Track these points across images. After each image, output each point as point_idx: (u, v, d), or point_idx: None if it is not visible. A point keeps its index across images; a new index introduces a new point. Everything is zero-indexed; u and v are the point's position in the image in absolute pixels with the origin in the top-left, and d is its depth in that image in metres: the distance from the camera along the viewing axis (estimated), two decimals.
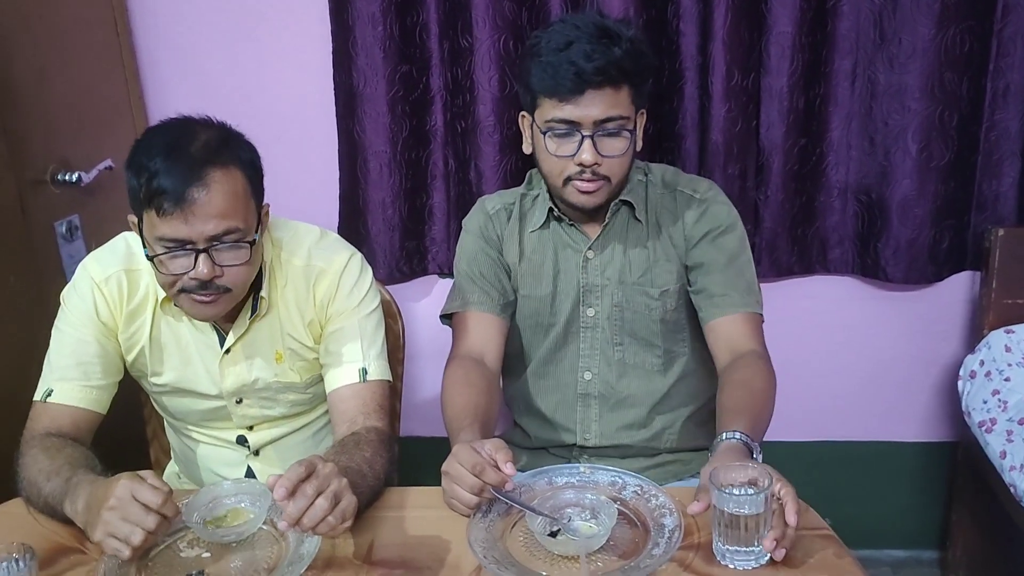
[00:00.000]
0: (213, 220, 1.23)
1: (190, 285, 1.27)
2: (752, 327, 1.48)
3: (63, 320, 1.40)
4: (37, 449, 1.28)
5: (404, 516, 1.26)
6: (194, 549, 1.21)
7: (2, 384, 1.57)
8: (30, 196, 1.68)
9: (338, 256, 1.45)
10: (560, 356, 1.58)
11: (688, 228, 1.53)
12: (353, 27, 1.92)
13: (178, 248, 1.24)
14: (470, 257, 1.59)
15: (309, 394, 1.53)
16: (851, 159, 1.95)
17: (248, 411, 1.50)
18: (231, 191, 1.25)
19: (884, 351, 2.14)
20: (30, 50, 1.69)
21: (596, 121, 1.39)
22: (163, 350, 1.44)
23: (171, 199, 1.21)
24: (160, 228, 1.23)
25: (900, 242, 1.95)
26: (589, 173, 1.42)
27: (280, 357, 1.46)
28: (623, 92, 1.41)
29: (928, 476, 2.24)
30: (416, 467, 1.74)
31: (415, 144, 2.02)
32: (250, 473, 1.55)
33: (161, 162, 1.22)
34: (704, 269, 1.51)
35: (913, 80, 1.85)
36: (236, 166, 1.28)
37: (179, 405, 1.51)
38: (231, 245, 1.26)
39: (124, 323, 1.41)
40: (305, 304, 1.44)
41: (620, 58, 1.38)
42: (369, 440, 1.33)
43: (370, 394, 1.43)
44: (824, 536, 1.16)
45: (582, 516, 1.21)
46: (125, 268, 1.40)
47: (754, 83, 1.90)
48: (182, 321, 1.43)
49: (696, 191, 1.54)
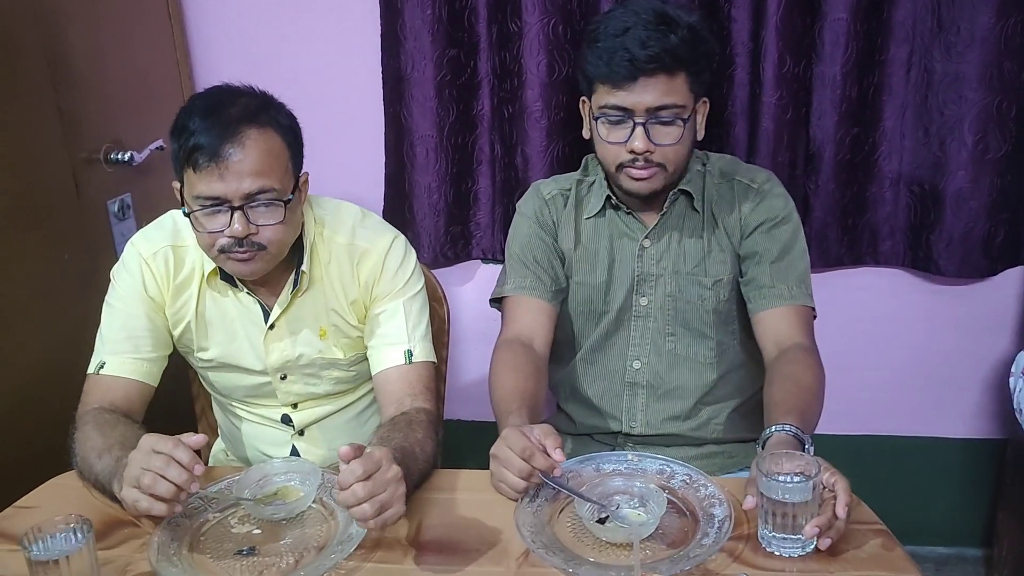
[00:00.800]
0: (248, 178, 1.26)
1: (227, 243, 1.29)
2: (800, 320, 1.46)
3: (113, 296, 1.44)
4: (90, 426, 1.30)
5: (452, 498, 1.27)
6: (245, 525, 1.22)
7: (58, 358, 1.60)
8: (84, 175, 1.70)
9: (382, 237, 1.47)
10: (610, 344, 1.57)
11: (744, 218, 1.51)
12: (402, 10, 1.91)
13: (214, 205, 1.27)
14: (524, 241, 1.58)
15: (353, 372, 1.54)
16: (904, 149, 1.91)
17: (292, 387, 1.51)
18: (266, 150, 1.28)
19: (934, 345, 2.10)
20: (86, 31, 1.71)
21: (649, 108, 1.38)
22: (209, 325, 1.46)
23: (206, 155, 1.24)
24: (197, 186, 1.26)
25: (953, 235, 1.91)
26: (642, 160, 1.41)
27: (324, 333, 1.48)
28: (679, 80, 1.39)
29: (975, 473, 2.21)
30: (459, 450, 1.75)
31: (462, 129, 2.01)
32: (294, 453, 1.57)
33: (199, 121, 1.25)
34: (755, 260, 1.49)
35: (971, 69, 1.80)
36: (273, 128, 1.30)
37: (225, 380, 1.53)
38: (266, 204, 1.29)
39: (171, 298, 1.44)
40: (349, 282, 1.45)
41: (676, 45, 1.36)
42: (420, 421, 1.34)
43: (416, 376, 1.44)
44: (877, 531, 1.15)
45: (630, 504, 1.21)
46: (172, 244, 1.43)
47: (806, 71, 1.86)
48: (227, 296, 1.45)
49: (754, 181, 1.53)
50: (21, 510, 1.28)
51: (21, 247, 1.54)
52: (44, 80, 1.59)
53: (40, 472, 1.35)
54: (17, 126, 1.53)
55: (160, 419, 1.42)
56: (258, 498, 1.24)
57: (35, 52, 1.57)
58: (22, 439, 1.54)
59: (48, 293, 1.61)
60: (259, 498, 1.24)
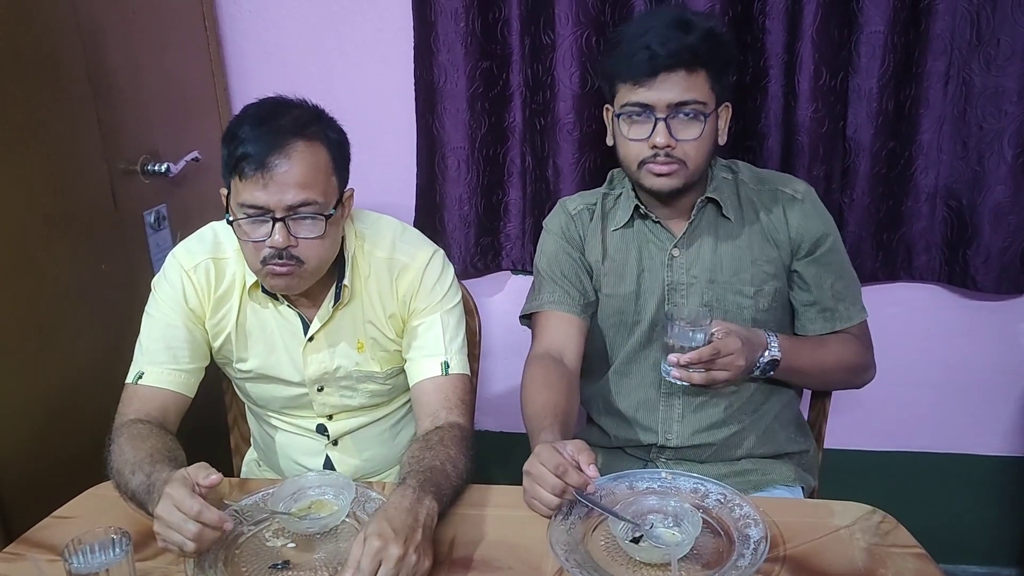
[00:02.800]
0: (292, 190, 1.27)
1: (268, 254, 1.30)
2: (862, 337, 1.58)
3: (153, 306, 1.45)
4: (124, 438, 1.31)
5: (485, 515, 1.26)
6: (279, 539, 1.23)
7: (95, 368, 1.62)
8: (121, 186, 1.72)
9: (421, 252, 1.48)
10: (645, 355, 1.56)
11: (794, 230, 1.52)
12: (435, 22, 1.92)
13: (257, 215, 1.28)
14: (551, 257, 1.59)
15: (388, 385, 1.55)
16: (942, 163, 1.89)
17: (329, 399, 1.52)
18: (312, 163, 1.29)
19: (970, 361, 2.07)
20: (124, 44, 1.73)
21: (670, 104, 1.40)
22: (248, 336, 1.47)
23: (253, 164, 1.26)
24: (242, 194, 1.28)
25: (991, 250, 1.88)
26: (663, 155, 1.42)
27: (362, 346, 1.49)
28: (699, 77, 1.41)
29: (1010, 491, 2.17)
30: (488, 462, 1.75)
31: (493, 141, 2.02)
32: (328, 463, 1.58)
33: (250, 130, 1.27)
34: (816, 282, 1.53)
35: (1011, 83, 1.78)
36: (321, 142, 1.31)
37: (262, 392, 1.54)
38: (308, 217, 1.30)
39: (212, 309, 1.45)
40: (388, 296, 1.46)
41: (695, 43, 1.39)
42: (453, 437, 1.34)
43: (452, 388, 1.44)
44: (916, 555, 1.13)
45: (665, 523, 1.20)
46: (213, 256, 1.44)
47: (842, 83, 1.85)
48: (267, 308, 1.46)
49: (797, 192, 1.54)
50: (59, 520, 1.29)
51: (59, 257, 1.57)
52: (85, 93, 1.62)
53: (77, 482, 1.37)
54: (59, 138, 1.56)
55: (193, 429, 1.43)
56: (292, 511, 1.24)
57: (77, 66, 1.60)
58: (60, 448, 1.56)
59: (85, 303, 1.63)
60: (293, 512, 1.24)
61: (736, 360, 1.35)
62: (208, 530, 1.09)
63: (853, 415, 2.06)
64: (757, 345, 1.43)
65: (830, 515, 1.23)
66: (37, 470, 1.50)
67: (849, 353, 1.53)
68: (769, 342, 1.44)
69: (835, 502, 1.26)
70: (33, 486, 1.47)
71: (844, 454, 2.14)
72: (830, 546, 1.16)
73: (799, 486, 1.55)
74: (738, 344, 1.35)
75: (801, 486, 1.56)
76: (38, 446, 1.52)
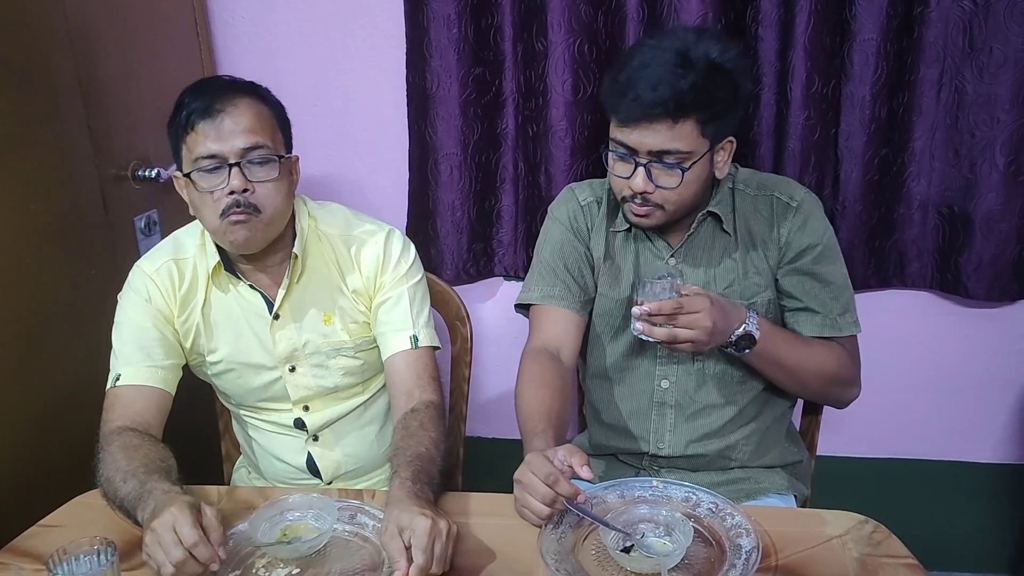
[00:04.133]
0: (242, 135, 1.35)
1: (227, 204, 1.35)
2: (850, 350, 1.52)
3: (120, 314, 1.49)
4: (116, 446, 1.31)
5: (476, 523, 1.26)
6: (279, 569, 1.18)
7: (84, 374, 1.61)
8: (112, 191, 1.72)
9: (378, 228, 1.55)
10: (637, 363, 1.55)
11: (783, 238, 1.49)
12: (428, 28, 1.92)
13: (212, 165, 1.35)
14: (555, 247, 1.57)
15: (359, 360, 1.56)
16: (934, 171, 1.89)
17: (302, 380, 1.54)
18: (257, 112, 1.38)
19: (961, 369, 2.07)
20: (116, 50, 1.73)
21: (651, 151, 1.37)
22: (215, 326, 1.50)
23: (201, 114, 1.34)
24: (195, 148, 1.35)
25: (983, 258, 1.88)
26: (640, 199, 1.41)
27: (328, 319, 1.52)
28: (686, 126, 1.35)
29: (1002, 498, 2.17)
30: (480, 468, 1.74)
31: (486, 147, 2.01)
32: (310, 460, 1.58)
33: (192, 94, 1.37)
34: (802, 289, 1.49)
35: (1003, 91, 1.78)
36: (260, 101, 1.41)
37: (236, 385, 1.55)
38: (260, 161, 1.37)
39: (179, 308, 1.48)
40: (349, 268, 1.51)
41: (685, 91, 1.31)
42: (431, 418, 1.40)
43: (423, 364, 1.49)
44: (908, 566, 1.13)
45: (656, 532, 1.19)
46: (173, 258, 1.49)
47: (835, 91, 1.85)
48: (230, 292, 1.49)
49: (792, 198, 1.49)
50: (45, 529, 1.28)
51: (49, 262, 1.56)
52: (76, 99, 1.61)
53: (64, 491, 1.36)
54: (49, 144, 1.55)
55: (183, 438, 1.42)
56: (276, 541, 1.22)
57: (67, 72, 1.59)
58: (47, 456, 1.55)
59: (75, 309, 1.62)
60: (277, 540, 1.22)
61: (702, 320, 1.29)
62: (192, 562, 1.08)
63: (845, 422, 2.06)
64: (732, 315, 1.37)
65: (822, 524, 1.23)
66: (23, 478, 1.49)
67: (832, 361, 1.48)
68: (748, 317, 1.39)
69: (827, 511, 1.26)
70: (19, 495, 1.46)
71: (837, 461, 2.14)
72: (822, 556, 1.16)
73: (791, 495, 1.54)
74: (706, 304, 1.30)
75: (794, 495, 1.55)
76: (25, 454, 1.51)
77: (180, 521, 1.08)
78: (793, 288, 1.49)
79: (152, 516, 1.11)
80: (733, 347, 1.40)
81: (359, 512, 1.28)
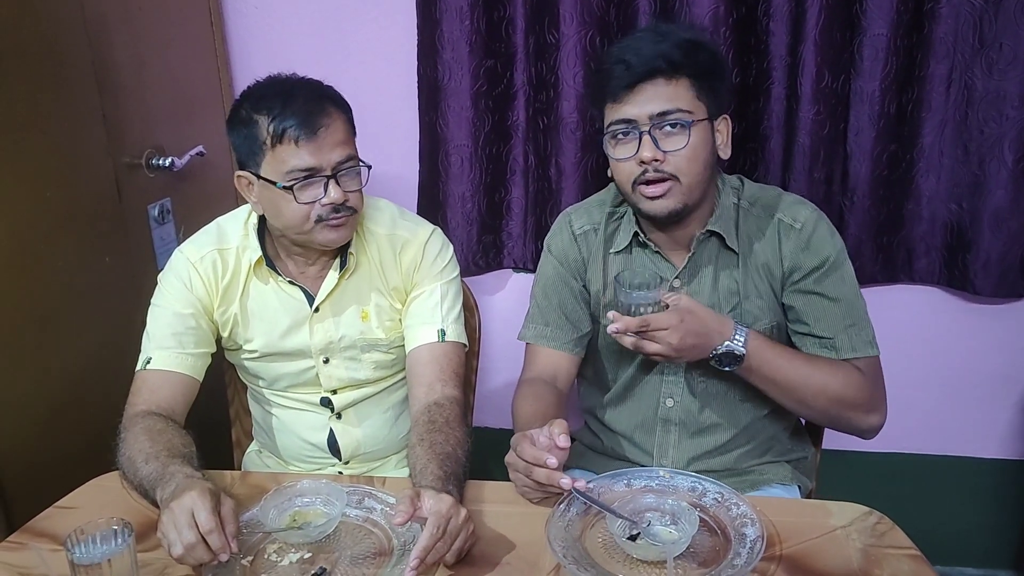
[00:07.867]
0: (337, 148, 1.38)
1: (324, 212, 1.39)
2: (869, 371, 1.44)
3: (159, 297, 1.49)
4: (140, 428, 1.33)
5: (483, 511, 1.27)
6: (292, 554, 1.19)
7: (98, 360, 1.63)
8: (126, 180, 1.73)
9: (421, 228, 1.56)
10: (645, 380, 1.53)
11: (785, 260, 1.44)
12: (440, 20, 1.93)
13: (308, 177, 1.37)
14: (548, 285, 1.58)
15: (392, 355, 1.58)
16: (943, 167, 1.90)
17: (335, 372, 1.56)
18: (345, 123, 1.42)
19: (967, 365, 2.08)
20: (130, 39, 1.74)
21: (652, 115, 1.36)
22: (252, 317, 1.52)
23: (300, 129, 1.35)
24: (290, 161, 1.36)
25: (991, 255, 1.89)
26: (652, 171, 1.37)
27: (366, 315, 1.54)
28: (680, 85, 1.36)
29: (1007, 494, 2.18)
30: (487, 458, 1.75)
31: (496, 139, 2.02)
32: (332, 436, 1.60)
33: (281, 105, 1.36)
34: (803, 314, 1.45)
35: (1013, 87, 1.79)
36: (346, 111, 1.44)
37: (271, 371, 1.57)
38: (351, 171, 1.41)
39: (220, 299, 1.50)
40: (391, 269, 1.53)
41: (668, 50, 1.35)
42: (455, 416, 1.41)
43: (447, 359, 1.50)
44: (912, 556, 1.14)
45: (662, 521, 1.21)
46: (217, 248, 1.50)
47: (844, 86, 1.85)
48: (269, 284, 1.51)
49: (796, 220, 1.44)
50: (62, 510, 1.30)
51: (64, 250, 1.58)
52: (90, 88, 1.63)
53: (80, 473, 1.38)
54: (64, 132, 1.57)
55: (196, 424, 1.43)
56: (287, 526, 1.23)
57: (82, 61, 1.61)
58: (63, 440, 1.57)
59: (89, 296, 1.64)
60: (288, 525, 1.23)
61: (668, 337, 1.29)
62: (202, 547, 1.08)
63: None
64: (713, 331, 1.34)
65: (827, 515, 1.24)
66: (40, 461, 1.52)
67: (838, 381, 1.40)
68: (736, 335, 1.36)
69: (832, 502, 1.27)
70: (36, 476, 1.48)
71: (842, 455, 2.15)
72: (826, 546, 1.17)
73: (795, 485, 1.55)
74: (673, 321, 1.29)
75: (798, 486, 1.56)
76: (42, 437, 1.54)
77: (199, 506, 1.09)
78: (799, 308, 1.45)
79: (172, 497, 1.13)
80: (716, 363, 1.38)
81: (367, 497, 1.30)
